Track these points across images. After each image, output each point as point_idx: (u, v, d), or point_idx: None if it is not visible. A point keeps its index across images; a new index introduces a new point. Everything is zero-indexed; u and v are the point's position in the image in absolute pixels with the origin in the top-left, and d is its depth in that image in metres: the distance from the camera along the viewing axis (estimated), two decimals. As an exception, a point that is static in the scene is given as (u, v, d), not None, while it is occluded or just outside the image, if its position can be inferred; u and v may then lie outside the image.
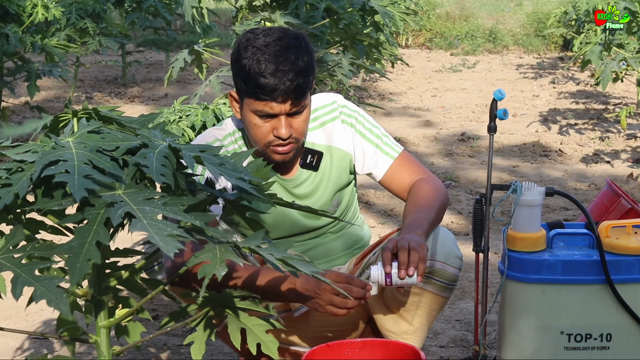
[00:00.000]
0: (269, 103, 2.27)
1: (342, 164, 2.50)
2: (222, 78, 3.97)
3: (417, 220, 2.32)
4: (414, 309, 2.40)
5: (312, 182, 2.48)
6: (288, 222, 2.48)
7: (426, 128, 6.79)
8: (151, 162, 1.38)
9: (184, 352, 2.95)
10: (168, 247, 1.29)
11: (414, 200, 2.42)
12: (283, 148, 2.33)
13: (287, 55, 2.27)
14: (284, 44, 2.28)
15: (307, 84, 2.29)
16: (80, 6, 7.12)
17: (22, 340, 3.06)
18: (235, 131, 2.47)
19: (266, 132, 2.31)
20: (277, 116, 2.29)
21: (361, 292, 2.16)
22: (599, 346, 2.31)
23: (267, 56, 2.25)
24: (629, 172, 5.38)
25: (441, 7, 12.08)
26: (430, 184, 2.45)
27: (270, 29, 2.34)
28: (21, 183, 1.33)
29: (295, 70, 2.26)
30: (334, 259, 2.58)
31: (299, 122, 2.32)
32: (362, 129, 2.50)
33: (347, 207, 2.57)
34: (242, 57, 2.28)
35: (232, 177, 1.44)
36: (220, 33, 10.19)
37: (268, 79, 2.24)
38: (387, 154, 2.50)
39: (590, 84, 8.44)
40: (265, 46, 2.27)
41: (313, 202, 2.48)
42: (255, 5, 4.03)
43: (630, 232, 2.36)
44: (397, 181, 2.50)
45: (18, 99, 7.51)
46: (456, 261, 2.38)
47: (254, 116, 2.30)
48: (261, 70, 2.24)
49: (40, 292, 1.27)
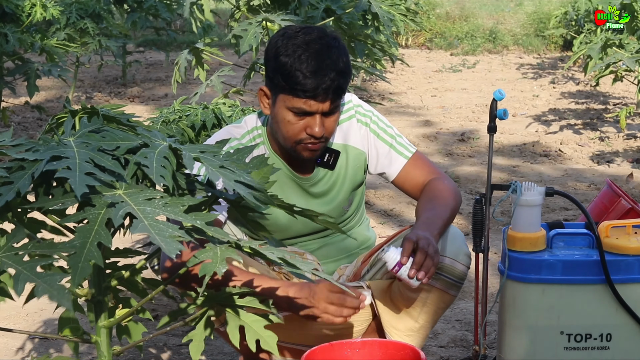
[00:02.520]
0: (308, 101, 2.27)
1: (357, 162, 2.51)
2: (223, 77, 3.97)
3: (433, 218, 2.34)
4: (421, 305, 2.41)
5: (329, 180, 2.49)
6: (301, 222, 2.49)
7: (426, 128, 6.79)
8: (151, 162, 1.38)
9: (184, 352, 2.95)
10: (169, 248, 1.29)
11: (429, 197, 2.43)
12: (314, 146, 2.35)
13: (329, 54, 2.28)
14: (325, 43, 2.29)
15: (346, 84, 2.31)
16: (81, 6, 7.12)
17: (22, 341, 3.06)
18: (254, 129, 2.47)
19: (299, 129, 2.31)
20: (313, 114, 2.30)
21: (355, 302, 2.16)
22: (599, 346, 2.31)
23: (308, 54, 2.26)
24: (629, 172, 5.38)
25: (441, 7, 12.08)
26: (445, 183, 2.47)
27: (309, 28, 2.34)
28: (22, 180, 1.33)
29: (337, 70, 2.27)
30: (341, 257, 2.59)
31: (331, 121, 2.34)
32: (376, 129, 2.51)
33: (358, 206, 2.59)
34: (281, 53, 2.28)
35: (230, 180, 1.43)
36: (220, 33, 10.19)
37: (310, 77, 2.24)
38: (401, 154, 2.51)
39: (590, 84, 8.44)
40: (306, 44, 2.27)
41: (329, 201, 2.50)
42: (254, 4, 4.02)
43: (630, 232, 2.36)
44: (410, 181, 2.51)
45: (18, 98, 7.51)
46: (465, 259, 2.39)
47: (289, 113, 2.30)
48: (303, 68, 2.25)
49: (43, 288, 1.27)
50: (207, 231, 1.42)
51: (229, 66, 3.94)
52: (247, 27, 3.68)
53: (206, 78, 4.03)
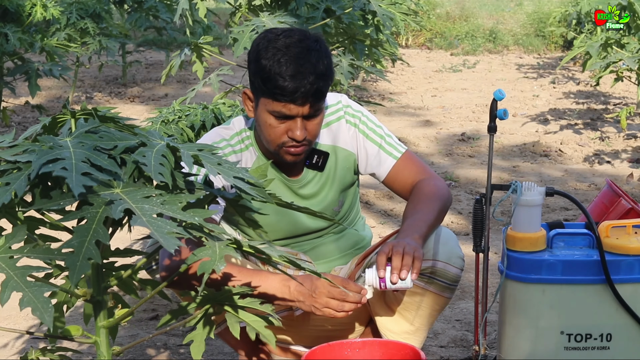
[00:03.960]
0: (287, 105, 2.26)
1: (347, 164, 2.50)
2: (221, 77, 3.96)
3: (414, 223, 2.32)
4: (415, 309, 2.40)
5: (318, 182, 2.47)
6: (291, 223, 2.47)
7: (426, 128, 6.79)
8: (149, 160, 1.38)
9: (184, 352, 2.95)
10: (168, 244, 1.29)
11: (413, 202, 2.41)
12: (296, 149, 2.33)
13: (308, 57, 2.26)
14: (304, 46, 2.27)
15: (326, 87, 2.30)
16: (81, 6, 7.11)
17: (23, 341, 3.06)
18: (242, 130, 2.46)
19: (281, 132, 2.31)
20: (294, 118, 2.29)
21: (357, 296, 2.16)
22: (599, 346, 2.31)
23: (287, 57, 2.25)
24: (629, 172, 5.38)
25: (441, 7, 12.08)
26: (432, 184, 2.44)
27: (291, 30, 2.33)
28: (19, 182, 1.33)
29: (316, 73, 2.25)
30: (335, 259, 2.57)
31: (313, 124, 2.32)
32: (365, 129, 2.49)
33: (350, 207, 2.57)
34: (261, 56, 2.27)
35: (229, 176, 1.43)
36: (220, 33, 10.18)
37: (288, 81, 2.23)
38: (390, 154, 2.49)
39: (590, 84, 8.44)
40: (286, 47, 2.26)
41: (318, 202, 2.48)
42: (254, 5, 4.02)
43: (630, 232, 2.35)
44: (399, 181, 2.49)
45: (18, 99, 7.51)
46: (458, 261, 2.38)
47: (270, 116, 2.30)
48: (282, 72, 2.23)
49: (28, 299, 1.27)
50: (205, 228, 1.42)
51: (228, 66, 3.94)
52: (244, 28, 3.68)
53: (205, 77, 4.02)
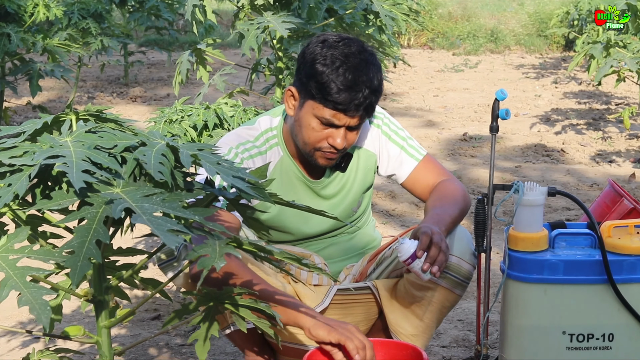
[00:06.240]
0: (337, 114, 2.26)
1: (368, 164, 2.52)
2: (225, 77, 3.97)
3: (441, 214, 2.34)
4: (426, 304, 2.41)
5: (339, 182, 2.49)
6: (314, 223, 2.50)
7: (428, 128, 6.79)
8: (149, 158, 1.38)
9: (186, 352, 2.95)
10: (170, 241, 1.29)
11: (438, 195, 2.44)
12: (332, 155, 2.34)
13: (367, 70, 2.25)
14: (363, 59, 2.27)
15: (377, 102, 2.31)
16: (83, 6, 7.12)
17: (23, 340, 3.06)
18: (268, 130, 2.45)
19: (322, 137, 2.31)
20: (339, 127, 2.29)
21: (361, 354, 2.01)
22: (601, 346, 2.31)
23: (346, 67, 2.24)
24: (631, 172, 5.37)
25: (443, 7, 12.07)
26: (455, 185, 2.49)
27: (349, 39, 2.31)
28: (20, 182, 1.33)
29: (371, 87, 2.26)
30: (347, 258, 2.60)
31: (353, 135, 2.34)
32: (388, 131, 2.52)
33: (366, 207, 2.61)
34: (318, 61, 2.26)
35: (228, 176, 1.43)
36: (222, 33, 10.18)
37: (344, 92, 2.23)
38: (412, 156, 2.53)
39: (592, 84, 8.43)
40: (345, 57, 2.25)
41: (339, 203, 2.50)
42: (257, 4, 4.02)
43: (632, 232, 2.35)
44: (420, 183, 2.52)
45: (20, 99, 7.51)
46: (472, 258, 2.40)
47: (315, 120, 2.29)
48: (339, 81, 2.23)
49: (26, 298, 1.27)
50: (205, 226, 1.42)
51: (230, 66, 3.94)
52: (249, 27, 3.68)
53: (208, 78, 4.03)
